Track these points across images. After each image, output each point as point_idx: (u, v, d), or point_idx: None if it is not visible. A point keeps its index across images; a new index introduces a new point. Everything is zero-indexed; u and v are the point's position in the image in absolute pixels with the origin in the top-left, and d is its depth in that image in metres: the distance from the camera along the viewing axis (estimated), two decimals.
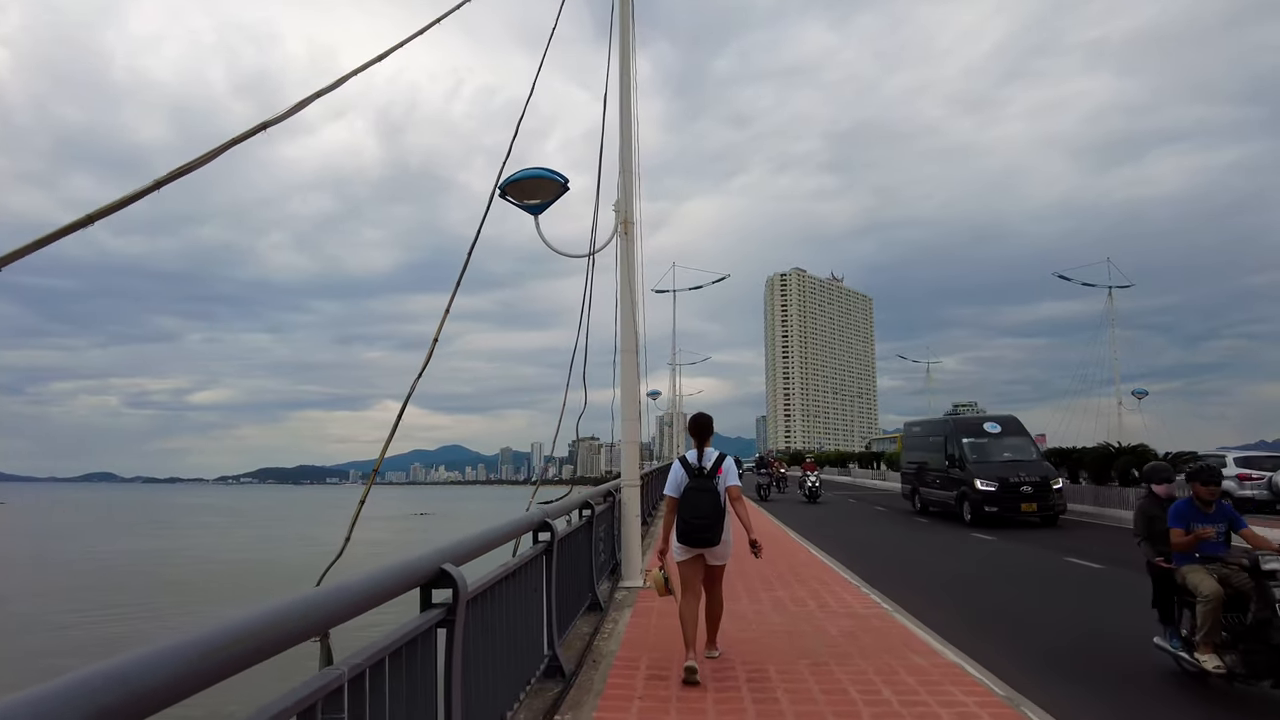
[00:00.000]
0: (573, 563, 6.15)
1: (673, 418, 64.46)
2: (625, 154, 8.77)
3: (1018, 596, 9.64)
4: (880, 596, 8.07)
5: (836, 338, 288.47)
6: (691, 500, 5.12)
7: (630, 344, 8.45)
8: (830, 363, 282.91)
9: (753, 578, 9.03)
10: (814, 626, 6.69)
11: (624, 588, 8.13)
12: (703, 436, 5.39)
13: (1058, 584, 10.40)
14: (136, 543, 45.02)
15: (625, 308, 8.50)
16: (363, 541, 5.53)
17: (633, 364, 8.44)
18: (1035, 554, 13.24)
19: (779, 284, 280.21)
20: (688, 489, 5.18)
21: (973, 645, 6.17)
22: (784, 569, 9.97)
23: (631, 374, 8.41)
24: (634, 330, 8.48)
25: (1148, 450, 20.33)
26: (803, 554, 11.72)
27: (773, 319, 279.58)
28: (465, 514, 73.38)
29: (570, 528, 6.19)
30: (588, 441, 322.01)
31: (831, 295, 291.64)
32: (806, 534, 14.96)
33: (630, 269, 8.60)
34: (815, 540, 13.68)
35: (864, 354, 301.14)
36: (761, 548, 5.13)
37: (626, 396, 8.38)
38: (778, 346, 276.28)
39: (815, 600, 7.86)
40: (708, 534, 5.07)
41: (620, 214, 8.65)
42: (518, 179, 7.57)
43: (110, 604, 21.61)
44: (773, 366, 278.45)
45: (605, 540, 8.05)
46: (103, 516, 78.41)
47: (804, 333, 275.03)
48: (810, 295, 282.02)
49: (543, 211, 7.82)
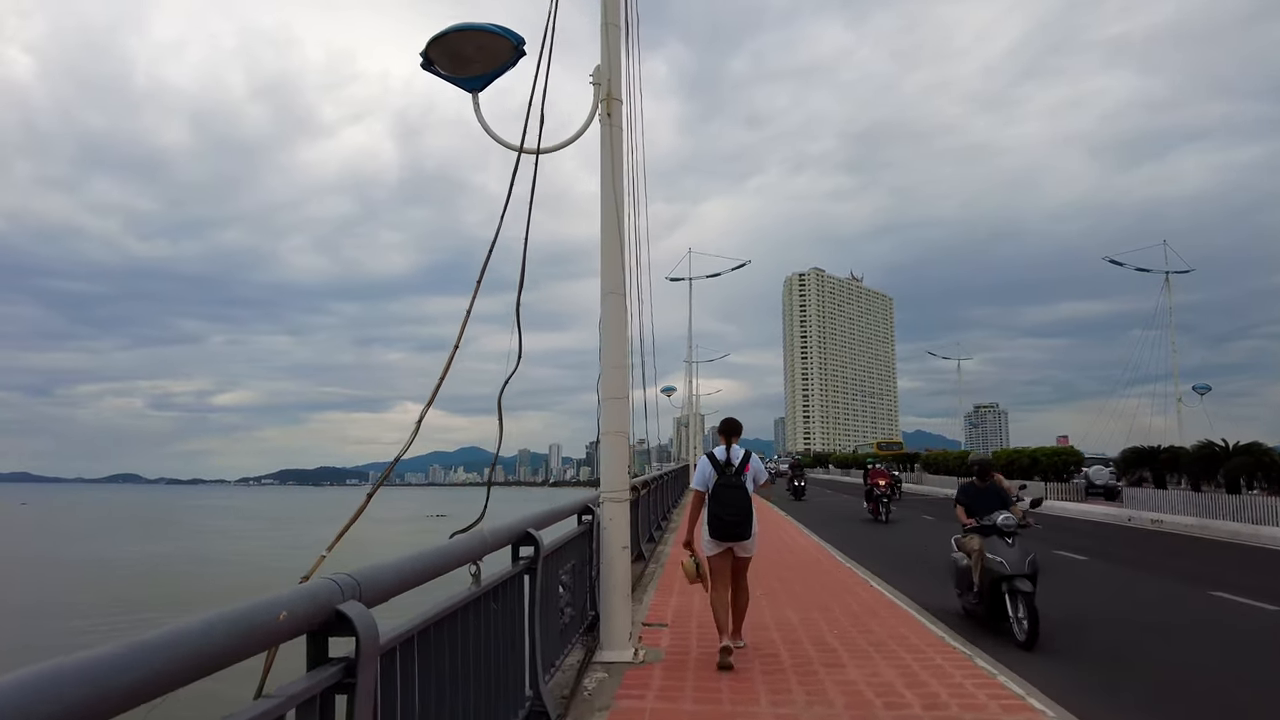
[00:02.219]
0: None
1: (689, 419, 61.53)
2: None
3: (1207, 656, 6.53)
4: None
5: (856, 338, 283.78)
6: (723, 497, 5.36)
7: (616, 279, 5.50)
8: (850, 363, 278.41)
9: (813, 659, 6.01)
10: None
11: (602, 663, 5.14)
12: (731, 435, 5.66)
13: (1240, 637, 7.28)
14: (142, 547, 43.52)
15: (609, 223, 5.54)
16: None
17: (620, 306, 5.49)
18: (1174, 589, 10.12)
19: (798, 284, 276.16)
20: (719, 485, 5.40)
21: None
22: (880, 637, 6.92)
23: (618, 316, 5.47)
24: (621, 258, 5.53)
25: (1264, 450, 17.02)
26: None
27: (791, 319, 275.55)
28: (485, 516, 72.59)
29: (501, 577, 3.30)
30: None
31: (851, 295, 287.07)
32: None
33: (617, 168, 5.65)
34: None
35: (884, 355, 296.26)
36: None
37: (610, 349, 5.44)
38: (796, 347, 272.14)
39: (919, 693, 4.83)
40: (740, 529, 5.33)
41: (601, 87, 5.71)
42: (447, 34, 4.81)
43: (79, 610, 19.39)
44: (791, 367, 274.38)
45: (575, 584, 5.02)
46: (118, 518, 78.01)
47: (823, 333, 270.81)
48: (829, 295, 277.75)
49: (485, 87, 5.09)
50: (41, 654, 1.07)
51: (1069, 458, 23.11)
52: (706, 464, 5.51)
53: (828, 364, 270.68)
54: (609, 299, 5.48)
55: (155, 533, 54.68)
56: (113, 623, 17.87)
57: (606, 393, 5.42)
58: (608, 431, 5.41)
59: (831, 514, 21.67)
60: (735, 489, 5.34)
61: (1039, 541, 14.41)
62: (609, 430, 5.41)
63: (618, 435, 5.44)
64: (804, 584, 8.80)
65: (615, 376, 5.44)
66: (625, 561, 5.34)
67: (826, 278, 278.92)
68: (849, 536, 14.90)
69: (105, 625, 17.74)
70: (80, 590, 25.49)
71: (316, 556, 3.04)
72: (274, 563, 30.15)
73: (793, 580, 9.04)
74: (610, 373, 5.43)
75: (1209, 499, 15.57)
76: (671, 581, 8.59)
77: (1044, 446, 24.57)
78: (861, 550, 12.44)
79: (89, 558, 37.17)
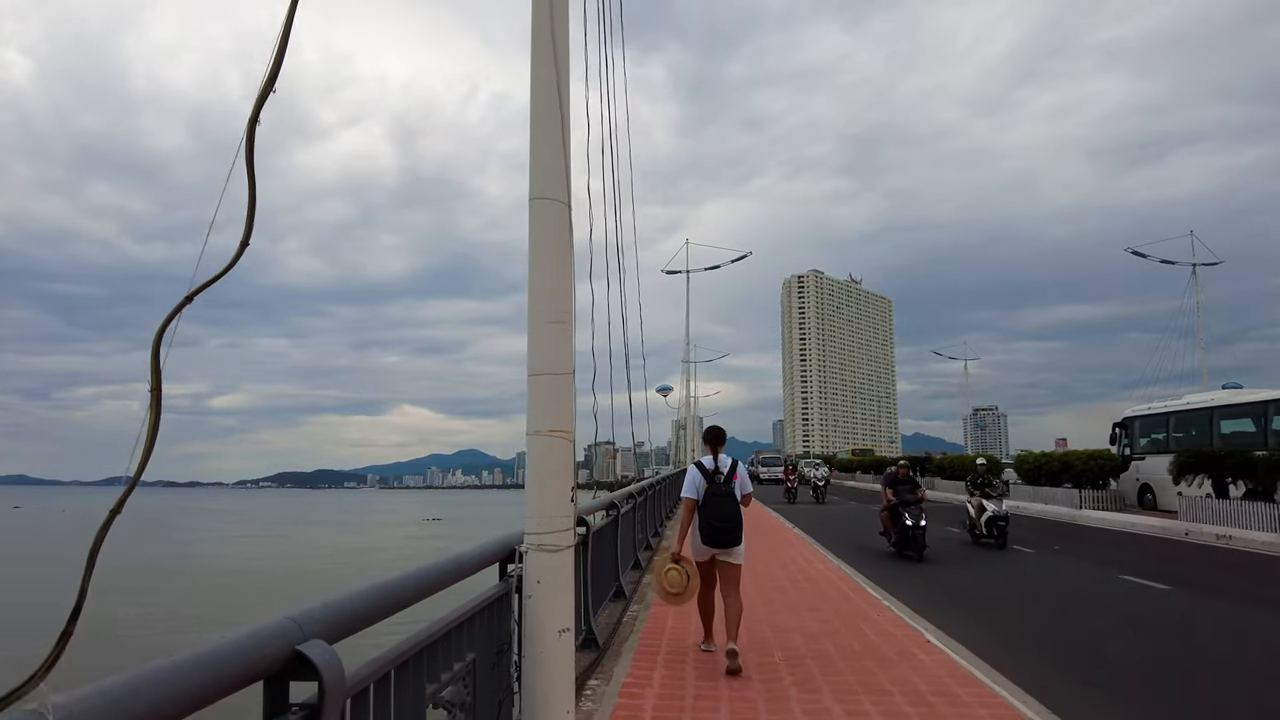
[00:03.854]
0: None
1: (687, 421, 59.27)
2: None
3: None
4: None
5: (855, 340, 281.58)
6: (714, 505, 5.52)
7: (555, 179, 3.30)
8: (849, 365, 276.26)
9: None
10: None
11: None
12: (717, 444, 5.87)
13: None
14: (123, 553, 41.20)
15: (543, 91, 3.33)
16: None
17: (561, 222, 3.30)
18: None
19: (796, 286, 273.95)
20: (709, 493, 5.57)
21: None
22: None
23: (558, 238, 3.29)
24: (562, 147, 3.33)
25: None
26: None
27: (790, 321, 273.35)
28: (477, 519, 73.01)
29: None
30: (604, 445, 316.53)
31: (850, 297, 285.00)
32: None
33: (559, 16, 3.45)
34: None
35: (883, 357, 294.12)
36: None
37: (543, 294, 3.26)
38: (795, 349, 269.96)
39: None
40: (730, 536, 5.50)
41: None
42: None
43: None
44: (790, 369, 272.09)
45: (480, 695, 2.80)
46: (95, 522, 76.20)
47: (822, 335, 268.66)
48: (828, 297, 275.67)
49: None
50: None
51: (1107, 461, 20.94)
52: (696, 473, 5.68)
53: (826, 366, 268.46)
54: (540, 208, 3.29)
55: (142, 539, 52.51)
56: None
57: (537, 365, 3.22)
58: (539, 431, 3.20)
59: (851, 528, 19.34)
60: (725, 496, 5.53)
61: (1090, 560, 12.33)
62: (541, 429, 3.20)
63: (556, 438, 3.24)
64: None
65: (552, 339, 3.25)
66: (565, 656, 3.13)
67: (825, 280, 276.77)
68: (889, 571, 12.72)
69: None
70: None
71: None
72: (252, 582, 28.03)
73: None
74: (544, 332, 3.24)
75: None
76: (658, 636, 6.38)
77: (1078, 450, 22.37)
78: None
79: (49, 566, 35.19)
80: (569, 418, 3.28)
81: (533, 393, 3.23)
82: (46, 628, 1.88)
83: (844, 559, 11.52)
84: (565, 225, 3.34)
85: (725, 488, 5.55)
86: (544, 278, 3.27)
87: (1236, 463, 15.60)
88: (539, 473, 3.22)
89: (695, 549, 5.63)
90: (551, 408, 3.22)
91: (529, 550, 3.15)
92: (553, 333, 3.24)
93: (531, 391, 3.23)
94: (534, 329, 3.26)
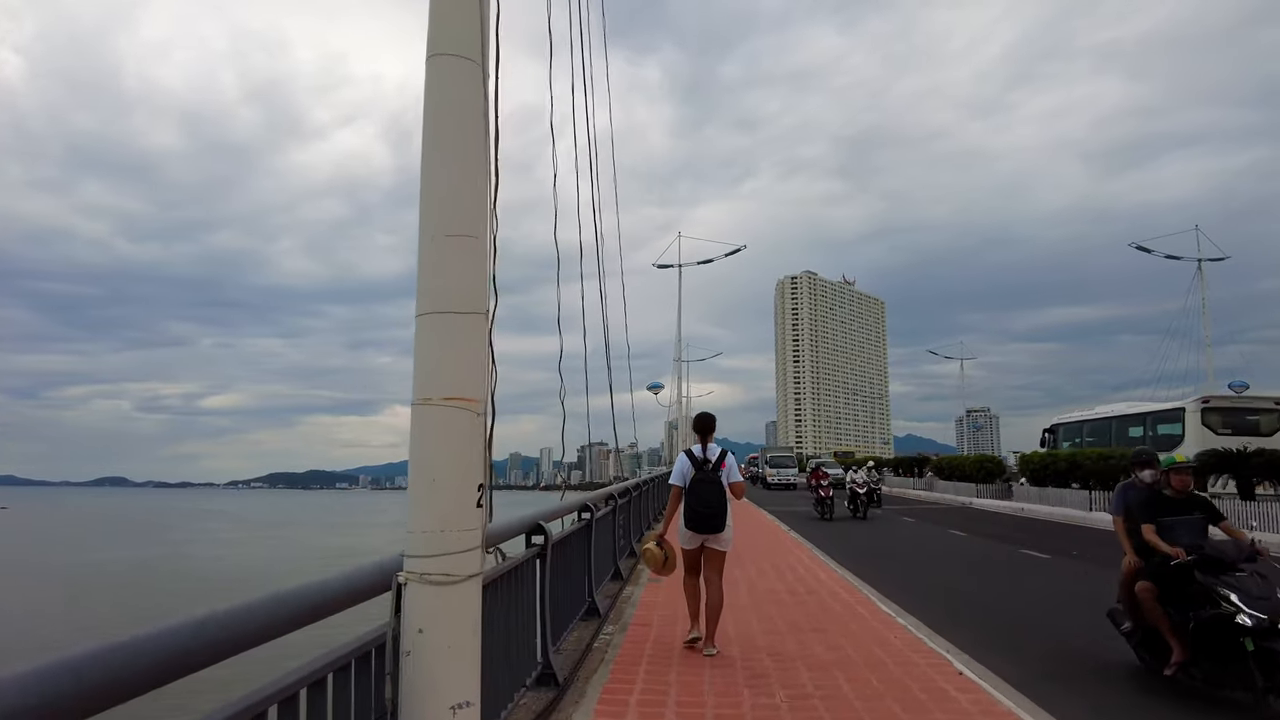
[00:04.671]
0: None
1: (680, 421, 58.14)
2: None
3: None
4: None
5: (848, 341, 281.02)
6: (699, 490, 5.58)
7: (465, 26, 2.19)
8: (842, 367, 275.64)
9: None
10: None
11: None
12: (706, 432, 5.85)
13: None
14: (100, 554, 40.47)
15: None
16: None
17: (472, 75, 2.19)
18: None
19: (789, 287, 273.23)
20: (694, 480, 5.63)
21: None
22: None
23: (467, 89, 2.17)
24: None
25: None
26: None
27: (783, 322, 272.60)
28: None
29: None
30: (598, 446, 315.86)
31: (843, 298, 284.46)
32: None
33: None
34: None
35: (876, 358, 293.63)
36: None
37: (440, 158, 2.15)
38: (788, 349, 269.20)
39: None
40: (714, 522, 5.56)
41: None
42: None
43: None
44: (783, 370, 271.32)
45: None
46: (96, 523, 75.15)
47: (815, 336, 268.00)
48: (821, 298, 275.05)
49: None
50: None
51: (1119, 461, 19.88)
52: (685, 460, 5.74)
53: (819, 367, 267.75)
54: (441, 70, 2.20)
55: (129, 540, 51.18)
56: None
57: (429, 299, 2.13)
58: (429, 399, 2.11)
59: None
60: (711, 483, 5.57)
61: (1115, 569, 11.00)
62: (431, 395, 2.11)
63: (456, 408, 2.14)
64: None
65: (452, 261, 2.16)
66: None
67: (819, 281, 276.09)
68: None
69: None
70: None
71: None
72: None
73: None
74: (439, 251, 2.15)
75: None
76: (634, 665, 5.29)
77: (1086, 449, 21.35)
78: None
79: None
80: (477, 380, 2.19)
81: (421, 342, 2.14)
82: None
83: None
84: (477, 94, 2.25)
85: (712, 475, 5.60)
86: (442, 170, 2.19)
87: (1265, 462, 14.60)
88: (426, 463, 2.12)
89: (683, 538, 5.71)
90: (449, 363, 2.13)
91: (408, 583, 2.06)
92: (452, 251, 2.15)
93: (420, 340, 2.14)
94: (425, 247, 2.17)
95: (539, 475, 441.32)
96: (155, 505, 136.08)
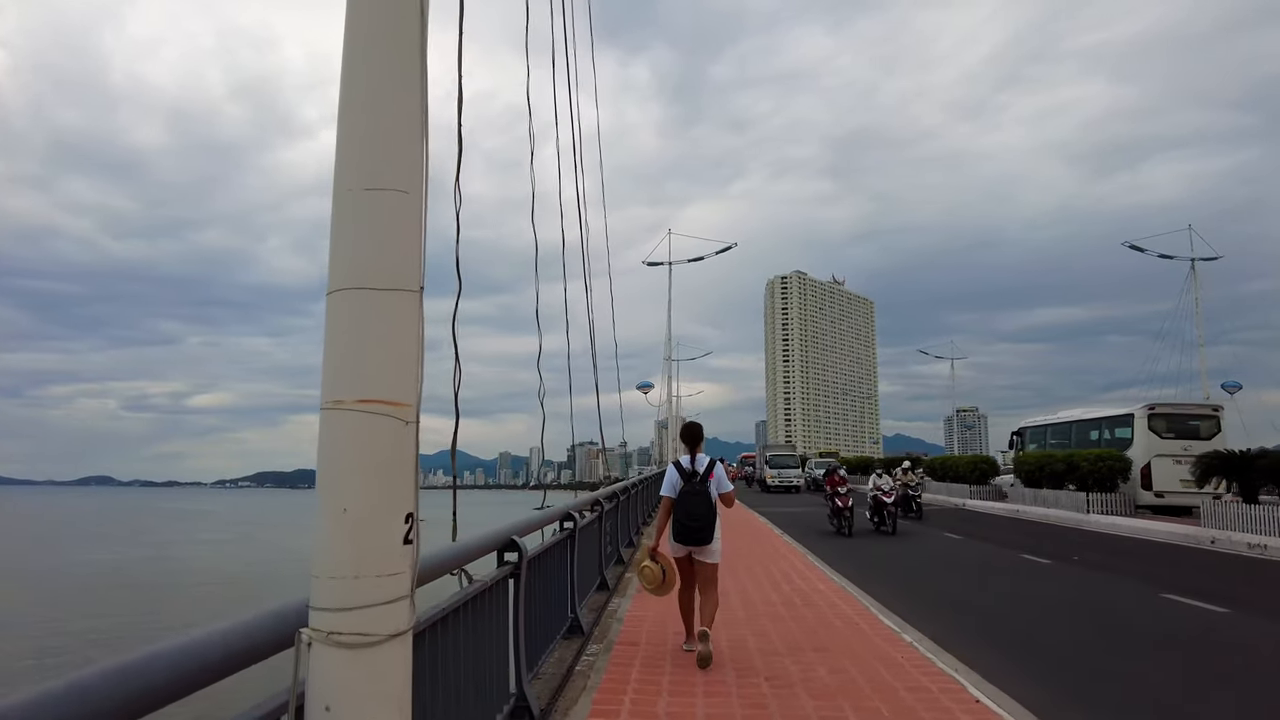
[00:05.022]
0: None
1: (670, 420, 57.67)
2: None
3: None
4: None
5: (838, 341, 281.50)
6: (686, 503, 5.56)
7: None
8: (831, 366, 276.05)
9: None
10: None
11: None
12: (694, 443, 5.82)
13: None
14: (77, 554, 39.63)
15: None
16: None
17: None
18: None
19: (779, 287, 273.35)
20: (683, 492, 5.60)
21: None
22: None
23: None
24: None
25: None
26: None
27: (773, 322, 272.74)
28: (460, 519, 71.95)
29: None
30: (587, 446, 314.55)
31: (832, 298, 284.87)
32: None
33: None
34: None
35: (865, 358, 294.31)
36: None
37: (360, 67, 1.64)
38: (778, 349, 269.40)
39: None
40: (701, 534, 5.54)
41: None
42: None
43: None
44: (773, 369, 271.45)
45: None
46: (70, 524, 73.82)
47: (805, 336, 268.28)
48: (811, 298, 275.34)
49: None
50: None
51: (1116, 462, 19.58)
52: (674, 472, 5.74)
53: (809, 367, 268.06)
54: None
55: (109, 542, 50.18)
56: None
57: (343, 273, 1.63)
58: (340, 401, 1.60)
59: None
60: (698, 495, 5.56)
61: (1122, 575, 10.68)
62: (344, 398, 1.60)
63: (378, 414, 1.63)
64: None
65: (374, 221, 1.65)
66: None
67: (808, 281, 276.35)
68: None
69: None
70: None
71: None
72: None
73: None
74: (356, 208, 1.64)
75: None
76: (619, 693, 4.79)
77: (1083, 450, 21.02)
78: None
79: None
80: (406, 377, 1.67)
81: (332, 328, 1.63)
82: None
83: None
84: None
85: (700, 487, 5.59)
86: (365, 103, 1.68)
87: (1270, 465, 14.27)
88: (335, 486, 1.60)
89: (672, 547, 5.73)
90: (369, 355, 1.62)
91: (312, 644, 1.55)
92: (374, 209, 1.64)
93: (330, 326, 1.63)
94: (341, 202, 1.66)
95: (529, 475, 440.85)
96: (140, 505, 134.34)
